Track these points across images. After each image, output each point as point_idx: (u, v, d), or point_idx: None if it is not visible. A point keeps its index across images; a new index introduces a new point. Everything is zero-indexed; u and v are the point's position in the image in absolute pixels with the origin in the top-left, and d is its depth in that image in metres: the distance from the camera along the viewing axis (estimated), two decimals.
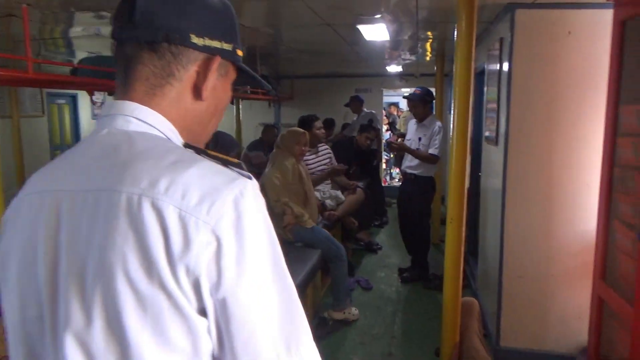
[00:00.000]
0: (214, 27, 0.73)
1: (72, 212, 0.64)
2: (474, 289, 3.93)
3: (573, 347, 2.77)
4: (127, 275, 0.58)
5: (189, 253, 0.58)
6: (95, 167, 0.65)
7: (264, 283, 0.62)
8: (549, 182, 2.72)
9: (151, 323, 0.59)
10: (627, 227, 2.11)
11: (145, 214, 0.59)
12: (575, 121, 2.63)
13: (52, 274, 0.64)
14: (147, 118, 0.69)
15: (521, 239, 2.81)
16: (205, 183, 0.61)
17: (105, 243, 0.60)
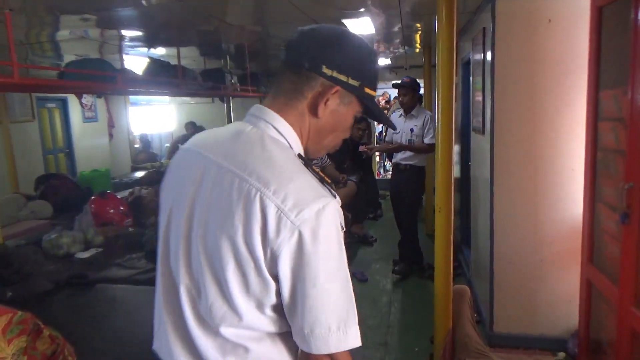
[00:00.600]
0: (346, 65, 0.93)
1: (211, 179, 0.90)
2: (468, 277, 3.97)
3: (564, 330, 2.82)
4: (233, 241, 0.85)
5: (277, 240, 0.83)
6: (236, 153, 0.91)
7: (327, 275, 0.85)
8: (535, 169, 2.75)
9: (240, 274, 0.86)
10: (611, 209, 2.15)
11: (256, 205, 0.84)
12: (558, 108, 2.66)
13: (188, 219, 0.92)
14: (280, 128, 0.94)
15: (510, 225, 2.84)
16: (300, 194, 0.84)
17: (226, 214, 0.86)
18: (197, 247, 0.91)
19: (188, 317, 0.94)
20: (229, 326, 0.90)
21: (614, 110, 2.08)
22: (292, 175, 0.87)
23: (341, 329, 0.86)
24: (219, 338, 0.91)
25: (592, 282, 2.33)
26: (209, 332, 0.92)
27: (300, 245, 0.83)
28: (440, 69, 2.27)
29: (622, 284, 1.91)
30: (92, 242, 3.36)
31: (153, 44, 5.13)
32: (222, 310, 0.89)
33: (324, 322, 0.85)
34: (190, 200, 0.93)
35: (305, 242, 0.83)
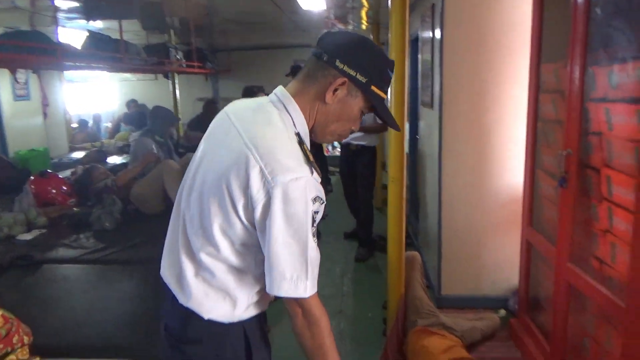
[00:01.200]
0: (358, 63, 1.08)
1: (226, 136, 1.09)
2: (416, 246, 4.15)
3: (506, 290, 3.04)
4: (221, 187, 1.03)
5: (254, 196, 1.00)
6: (248, 121, 1.09)
7: (288, 235, 1.00)
8: (480, 139, 2.90)
9: (222, 214, 1.04)
10: (550, 176, 2.32)
11: (245, 163, 1.01)
12: (503, 81, 2.81)
13: (201, 161, 1.14)
14: (290, 108, 1.10)
15: (457, 195, 3.00)
16: (282, 162, 0.99)
17: (223, 165, 1.04)
18: (198, 184, 1.11)
19: (180, 242, 1.13)
20: (205, 254, 1.08)
21: (553, 83, 2.23)
22: (282, 147, 1.03)
23: (293, 280, 1.02)
24: (195, 261, 1.10)
25: (531, 244, 2.52)
26: (190, 255, 1.11)
27: (271, 204, 0.98)
28: (393, 45, 2.33)
29: (559, 242, 2.09)
30: (34, 224, 3.21)
31: (91, 16, 4.87)
32: (202, 238, 1.08)
33: (280, 270, 1.02)
34: (206, 151, 1.14)
35: (275, 202, 0.98)
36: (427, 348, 2.32)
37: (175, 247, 1.15)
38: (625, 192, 1.64)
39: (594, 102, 1.81)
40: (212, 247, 1.07)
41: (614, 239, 1.74)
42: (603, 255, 1.83)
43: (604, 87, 1.75)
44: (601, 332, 1.87)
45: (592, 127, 1.83)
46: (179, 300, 1.12)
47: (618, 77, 1.65)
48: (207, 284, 1.10)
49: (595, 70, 1.79)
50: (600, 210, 1.82)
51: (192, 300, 1.10)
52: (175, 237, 1.15)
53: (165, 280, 1.18)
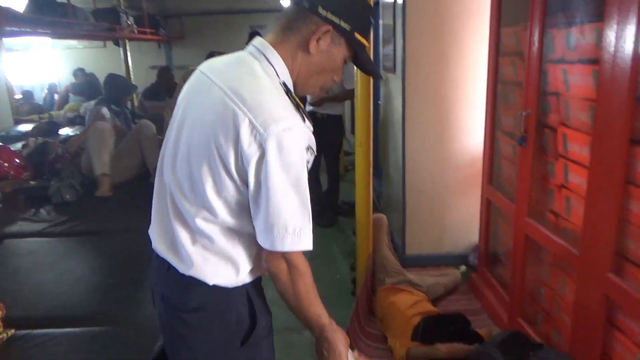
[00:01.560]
0: (341, 8, 1.04)
1: (207, 95, 1.03)
2: (379, 209, 4.25)
3: (466, 247, 3.20)
4: (211, 147, 0.99)
5: (247, 150, 0.95)
6: (230, 76, 1.03)
7: (286, 185, 0.97)
8: (442, 103, 2.98)
9: (212, 175, 1.01)
10: (509, 136, 2.43)
11: (233, 118, 0.96)
12: (464, 45, 2.87)
13: (180, 126, 1.08)
14: (271, 59, 1.05)
15: (420, 158, 3.09)
16: (272, 113, 0.95)
17: (210, 124, 1.00)
18: (183, 149, 1.06)
19: (170, 211, 1.10)
20: (201, 219, 1.05)
21: (513, 46, 2.31)
22: (269, 98, 0.99)
23: (296, 233, 0.99)
24: (191, 229, 1.07)
25: (491, 201, 2.65)
26: (184, 224, 1.08)
27: (266, 156, 0.94)
28: None
29: (518, 198, 2.21)
30: None
31: None
32: (196, 204, 1.05)
33: (281, 224, 0.98)
34: (186, 113, 1.08)
35: (270, 153, 0.94)
36: (396, 304, 2.43)
37: (166, 218, 1.11)
38: (581, 148, 1.75)
39: (552, 64, 1.90)
40: (207, 212, 1.04)
41: (569, 193, 1.86)
42: (558, 208, 1.96)
43: (561, 49, 1.83)
44: (555, 280, 2.02)
45: (550, 88, 1.93)
46: (179, 270, 1.09)
47: (575, 39, 1.73)
48: (207, 250, 1.07)
49: (554, 32, 1.87)
50: (556, 166, 1.94)
51: (194, 269, 1.07)
52: (164, 209, 1.12)
53: (159, 253, 1.14)
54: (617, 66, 1.44)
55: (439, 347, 2.03)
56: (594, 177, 1.61)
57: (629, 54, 1.39)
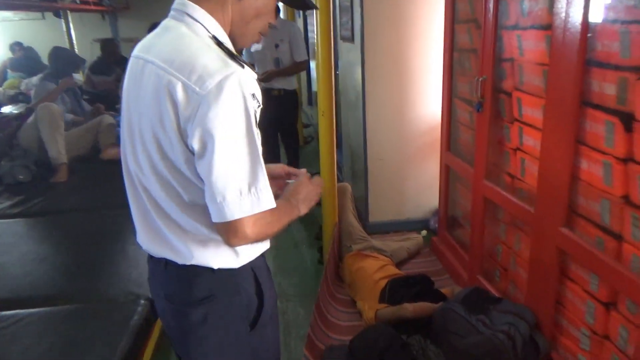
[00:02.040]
0: None
1: (141, 75, 0.96)
2: (341, 179, 4.32)
3: (427, 212, 3.31)
4: (153, 124, 0.92)
5: (185, 113, 0.88)
6: (158, 46, 0.96)
7: (232, 141, 0.88)
8: (400, 71, 3.03)
9: (163, 153, 0.94)
10: (466, 102, 2.51)
11: (165, 86, 0.89)
12: (419, 13, 2.91)
13: (129, 114, 1.01)
14: (197, 15, 0.96)
15: (380, 126, 3.14)
16: (205, 68, 0.88)
17: (148, 102, 0.93)
18: (138, 141, 0.98)
19: (147, 204, 1.03)
20: (178, 206, 0.99)
21: (467, 13, 2.36)
22: (199, 53, 0.90)
23: (252, 192, 0.90)
24: (175, 219, 1.01)
25: (449, 167, 2.75)
26: (165, 215, 1.02)
27: (205, 114, 0.86)
28: None
29: (476, 162, 2.30)
30: None
31: None
32: (166, 192, 0.98)
33: (234, 187, 0.89)
34: (129, 100, 1.01)
35: (210, 109, 0.86)
36: (364, 269, 2.51)
37: (148, 215, 1.04)
38: (534, 111, 1.84)
39: (506, 30, 1.97)
40: (185, 198, 0.97)
41: (524, 155, 1.96)
42: (514, 170, 2.06)
43: (516, 15, 1.89)
44: (511, 238, 2.14)
45: (505, 54, 2.00)
46: (179, 262, 1.03)
47: (528, 5, 1.80)
48: (203, 235, 1.01)
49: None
50: (511, 130, 2.03)
51: (195, 257, 1.01)
52: (142, 206, 1.05)
53: (153, 254, 1.08)
54: (567, 31, 1.51)
55: (406, 307, 2.13)
56: (547, 138, 1.70)
57: (579, 19, 1.46)
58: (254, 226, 0.93)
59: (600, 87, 1.46)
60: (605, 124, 1.44)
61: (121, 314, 1.56)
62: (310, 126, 6.45)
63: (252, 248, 1.08)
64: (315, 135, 5.93)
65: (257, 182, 0.92)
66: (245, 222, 0.91)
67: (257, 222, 0.93)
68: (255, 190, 0.91)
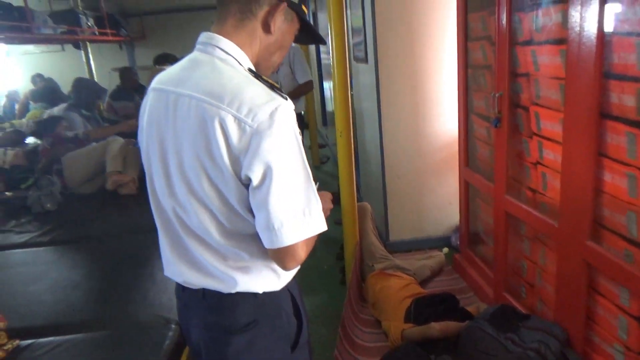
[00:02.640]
0: None
1: (174, 109, 0.96)
2: (359, 199, 4.31)
3: (447, 229, 3.29)
4: (202, 158, 0.92)
5: (239, 146, 0.89)
6: (191, 79, 0.96)
7: (288, 169, 0.91)
8: (416, 89, 3.05)
9: (215, 187, 0.95)
10: (482, 118, 2.52)
11: (215, 119, 0.90)
12: (434, 31, 2.94)
13: (162, 149, 1.00)
14: (227, 48, 0.99)
15: (397, 143, 3.15)
16: (253, 100, 0.90)
17: (192, 136, 0.93)
18: (176, 172, 0.99)
19: (182, 236, 1.04)
20: (219, 235, 1.00)
21: (480, 30, 2.38)
22: (243, 86, 0.93)
23: (307, 216, 0.93)
24: (214, 247, 1.01)
25: (468, 182, 2.74)
26: (204, 245, 1.02)
27: (261, 145, 0.88)
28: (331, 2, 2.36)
29: (496, 178, 2.30)
30: None
31: None
32: (207, 221, 0.99)
33: (291, 213, 0.92)
34: (161, 133, 1.00)
35: (265, 141, 0.88)
36: (387, 288, 2.49)
37: (183, 248, 1.04)
38: (552, 125, 1.84)
39: (520, 46, 1.98)
40: (227, 226, 0.98)
41: (545, 169, 1.95)
42: (535, 185, 2.05)
43: (529, 31, 1.91)
44: (536, 253, 2.11)
45: (520, 69, 2.01)
46: (222, 291, 1.03)
47: (542, 20, 1.81)
48: (243, 262, 1.01)
49: (521, 15, 1.95)
50: (530, 145, 2.03)
51: (239, 284, 1.02)
52: (177, 239, 1.05)
53: (193, 286, 1.07)
54: (583, 44, 1.52)
55: (433, 326, 2.11)
56: (568, 152, 1.70)
57: (594, 32, 1.47)
58: (307, 247, 0.97)
59: (619, 98, 1.46)
60: (627, 135, 1.44)
61: (152, 339, 1.57)
62: (325, 146, 6.49)
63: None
64: (332, 155, 5.97)
65: (310, 205, 0.94)
66: (300, 246, 0.95)
67: (309, 243, 0.97)
68: (310, 213, 0.94)
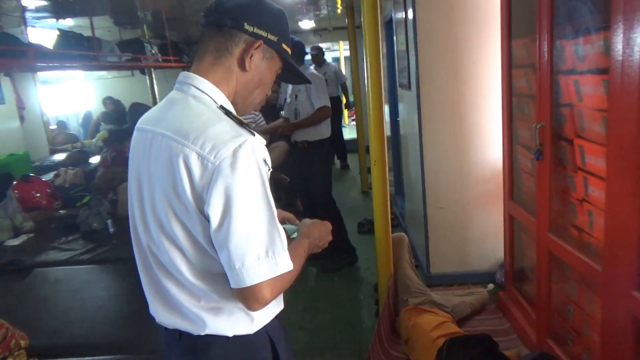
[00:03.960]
0: (264, 22, 1.02)
1: (150, 147, 0.99)
2: (403, 227, 4.20)
3: (492, 264, 3.11)
4: (169, 196, 0.94)
5: (201, 183, 0.90)
6: (166, 118, 0.99)
7: (250, 207, 0.90)
8: (459, 117, 2.94)
9: (182, 224, 0.95)
10: (527, 149, 2.37)
11: (180, 157, 0.91)
12: (477, 58, 2.84)
13: (139, 186, 1.02)
14: (202, 87, 1.00)
15: (439, 173, 3.04)
16: (218, 137, 0.91)
17: (160, 173, 0.95)
18: (150, 210, 1.00)
19: (157, 274, 1.03)
20: (189, 274, 0.98)
21: (525, 57, 2.26)
22: (210, 124, 0.94)
23: (270, 256, 0.91)
24: (186, 286, 1.00)
25: (513, 217, 2.58)
26: (178, 284, 1.01)
27: (222, 183, 0.88)
28: (367, 28, 2.34)
29: (538, 214, 2.14)
30: (21, 229, 3.20)
31: (61, 14, 4.78)
32: (178, 259, 0.98)
33: (252, 252, 0.90)
34: (139, 171, 1.03)
35: (226, 178, 0.88)
36: (420, 325, 2.37)
37: (159, 285, 1.03)
38: (597, 160, 1.69)
39: (563, 75, 1.85)
40: (196, 264, 0.97)
41: (591, 207, 1.79)
42: (581, 223, 1.88)
43: (572, 59, 1.78)
44: (583, 298, 1.93)
45: (563, 99, 1.87)
46: (193, 333, 1.02)
47: (584, 49, 1.69)
48: (215, 303, 0.99)
49: (563, 43, 1.83)
50: (576, 180, 1.87)
51: (209, 326, 1.00)
52: (154, 276, 1.04)
53: (167, 325, 1.06)
54: (626, 75, 1.39)
55: None
56: (612, 189, 1.54)
57: (637, 62, 1.34)
58: (273, 289, 0.93)
59: None
60: None
61: None
62: None
63: (267, 311, 1.05)
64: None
65: (274, 245, 0.92)
66: (264, 286, 0.91)
67: (276, 284, 0.93)
68: (273, 253, 0.92)
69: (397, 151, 4.35)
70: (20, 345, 1.61)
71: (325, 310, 3.07)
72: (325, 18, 6.61)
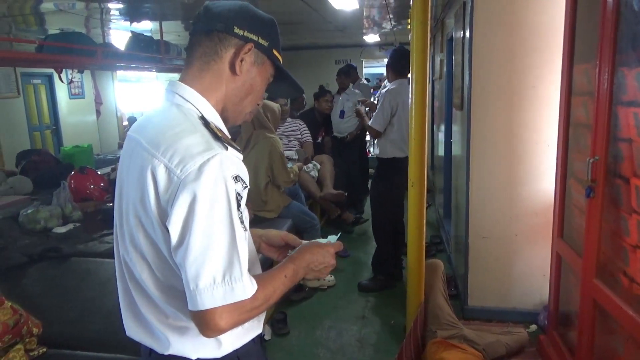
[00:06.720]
0: (255, 26, 1.00)
1: (130, 155, 0.96)
2: (448, 253, 4.01)
3: (537, 303, 2.87)
4: (136, 206, 0.91)
5: (166, 196, 0.87)
6: (147, 127, 0.97)
7: (210, 227, 0.84)
8: (510, 143, 2.76)
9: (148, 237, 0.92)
10: (582, 184, 2.16)
11: (148, 167, 0.88)
12: (533, 82, 2.65)
13: (119, 195, 1.00)
14: (185, 95, 0.97)
15: (485, 201, 2.86)
16: (188, 150, 0.87)
17: (131, 183, 0.93)
18: (124, 218, 0.97)
19: (130, 287, 1.00)
20: (156, 289, 0.95)
21: (584, 85, 2.08)
22: (183, 135, 0.90)
23: (226, 281, 0.85)
24: (155, 302, 0.96)
25: (561, 256, 2.36)
26: (146, 297, 0.97)
27: (184, 198, 0.84)
28: (415, 44, 2.26)
29: (585, 256, 1.94)
30: (70, 217, 3.36)
31: (136, 17, 5.04)
32: (145, 273, 0.95)
33: (207, 275, 0.84)
34: (121, 179, 1.01)
35: (189, 193, 0.84)
36: None
37: (131, 299, 1.00)
38: None
39: (623, 106, 1.67)
40: (162, 280, 0.94)
41: None
42: (633, 272, 1.67)
43: (634, 90, 1.60)
44: (631, 355, 1.71)
45: (622, 133, 1.69)
46: (158, 351, 0.98)
47: None
48: (182, 322, 0.95)
49: (625, 71, 1.65)
50: (630, 223, 1.67)
51: (172, 346, 0.96)
52: (127, 289, 1.01)
53: (135, 338, 1.03)
54: None
55: None
56: None
57: None
58: (229, 317, 0.86)
59: None
60: None
61: None
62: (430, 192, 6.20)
63: (238, 335, 1.00)
64: (434, 201, 5.68)
65: (232, 270, 0.86)
66: (217, 313, 0.85)
67: (232, 312, 0.86)
68: (230, 279, 0.85)
69: (449, 173, 4.17)
70: (32, 332, 1.66)
71: (352, 331, 2.96)
72: (391, 33, 6.53)
